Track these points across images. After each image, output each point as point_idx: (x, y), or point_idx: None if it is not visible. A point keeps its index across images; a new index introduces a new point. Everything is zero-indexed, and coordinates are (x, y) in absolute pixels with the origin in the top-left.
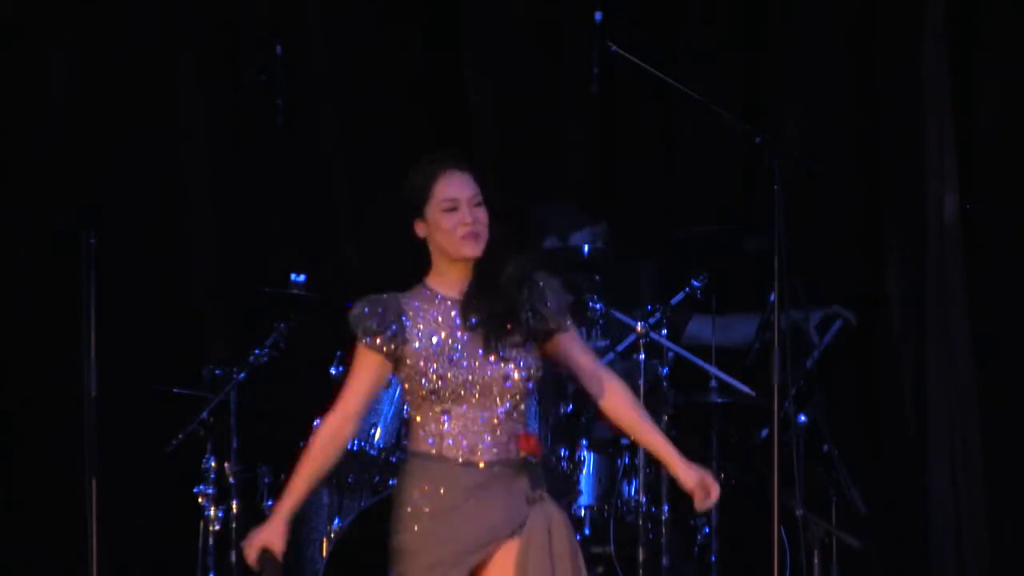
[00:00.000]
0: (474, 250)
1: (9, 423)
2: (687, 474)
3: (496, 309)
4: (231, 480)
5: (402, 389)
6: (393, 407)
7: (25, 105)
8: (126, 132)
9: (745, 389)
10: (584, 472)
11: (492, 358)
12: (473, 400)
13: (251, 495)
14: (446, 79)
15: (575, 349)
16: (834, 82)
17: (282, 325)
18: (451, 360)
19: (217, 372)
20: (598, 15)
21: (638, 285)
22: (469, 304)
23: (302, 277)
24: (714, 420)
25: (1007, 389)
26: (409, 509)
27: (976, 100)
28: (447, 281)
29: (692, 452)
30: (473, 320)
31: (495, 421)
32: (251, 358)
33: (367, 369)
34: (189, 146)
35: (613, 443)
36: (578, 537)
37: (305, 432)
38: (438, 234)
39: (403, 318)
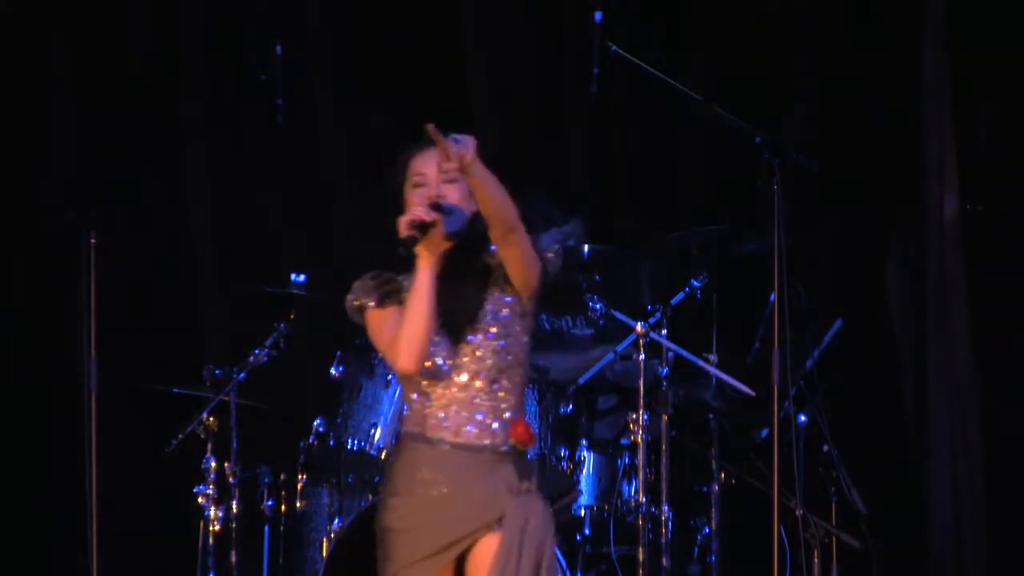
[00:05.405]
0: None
1: (9, 423)
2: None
3: (455, 306)
4: (231, 480)
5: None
6: (393, 407)
7: (25, 105)
8: (126, 132)
9: (745, 389)
10: (584, 472)
11: (458, 340)
12: (450, 377)
13: (251, 495)
14: (446, 79)
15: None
16: (834, 82)
17: (282, 325)
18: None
19: (217, 372)
20: (598, 15)
21: (638, 285)
22: (439, 291)
23: (302, 277)
24: (714, 420)
25: (1007, 388)
26: (392, 489)
27: (976, 99)
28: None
29: (692, 452)
30: (442, 307)
31: (476, 400)
32: (251, 358)
33: (386, 322)
34: (189, 146)
35: (613, 443)
36: (578, 537)
37: (305, 432)
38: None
39: (398, 283)
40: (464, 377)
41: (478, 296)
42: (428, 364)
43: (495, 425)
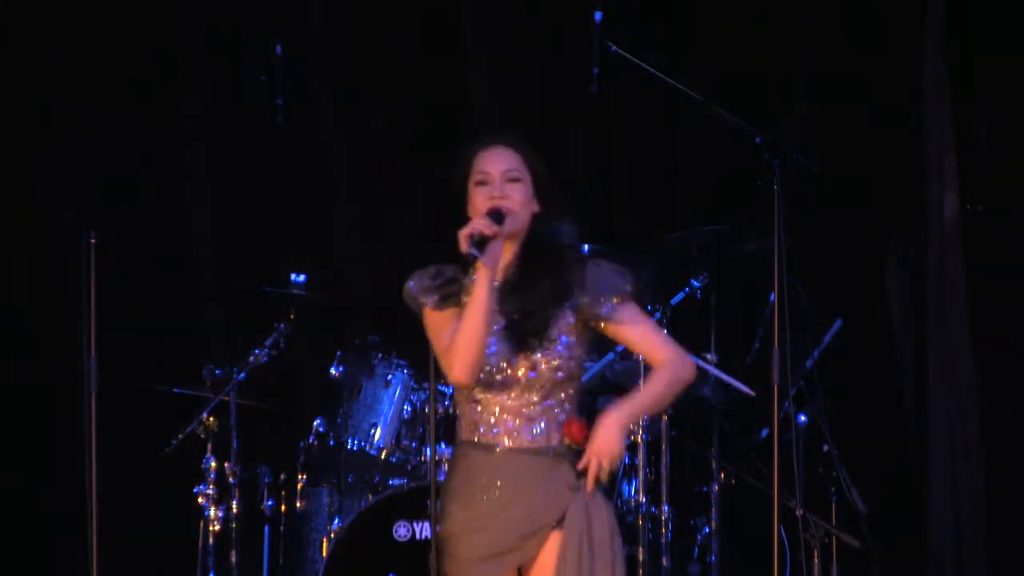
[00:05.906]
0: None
1: (9, 423)
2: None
3: (529, 306)
4: (231, 480)
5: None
6: (393, 407)
7: (25, 105)
8: (126, 132)
9: (745, 389)
10: None
11: (520, 349)
12: (504, 389)
13: (251, 495)
14: (446, 80)
15: (624, 331)
16: (834, 82)
17: (282, 325)
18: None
19: (217, 372)
20: (598, 15)
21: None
22: (505, 295)
23: (302, 277)
24: (714, 420)
25: (1007, 388)
26: (451, 497)
27: (976, 99)
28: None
29: (692, 452)
30: (506, 312)
31: (528, 410)
32: (251, 358)
33: (446, 325)
34: (189, 146)
35: None
36: None
37: (305, 432)
38: (470, 209)
39: (459, 284)
40: (518, 389)
41: (544, 312)
42: (482, 374)
43: (549, 431)
